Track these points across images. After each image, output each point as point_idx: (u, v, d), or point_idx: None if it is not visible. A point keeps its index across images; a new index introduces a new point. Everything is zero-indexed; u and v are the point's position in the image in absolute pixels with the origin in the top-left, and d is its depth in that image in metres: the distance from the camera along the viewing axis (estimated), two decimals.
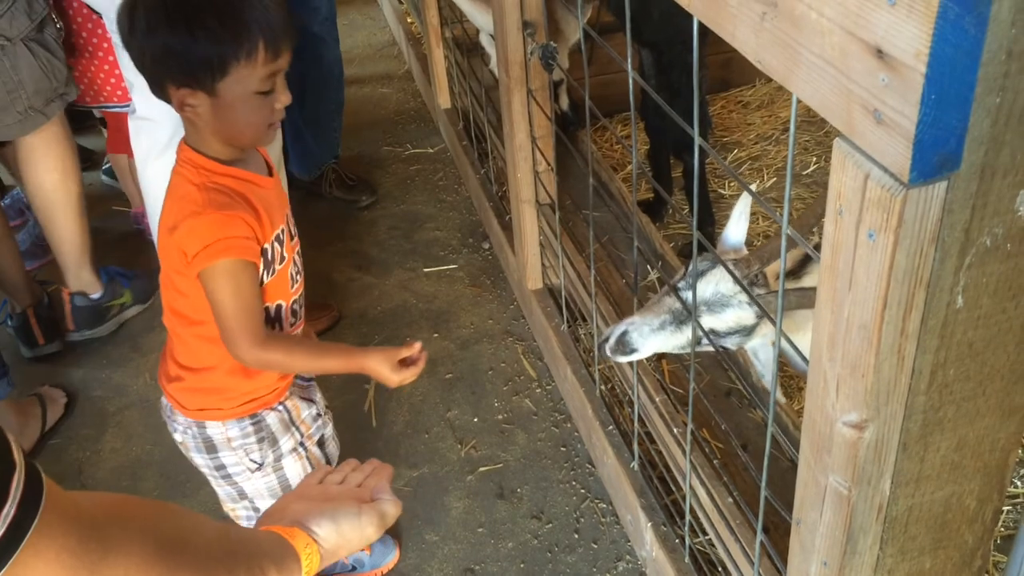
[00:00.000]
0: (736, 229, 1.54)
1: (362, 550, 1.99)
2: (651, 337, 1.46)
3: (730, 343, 1.46)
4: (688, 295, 1.41)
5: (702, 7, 0.93)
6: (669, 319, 1.45)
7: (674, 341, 1.45)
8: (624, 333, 1.47)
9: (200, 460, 1.62)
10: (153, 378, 2.59)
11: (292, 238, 1.57)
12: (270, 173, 1.53)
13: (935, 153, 0.68)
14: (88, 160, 3.44)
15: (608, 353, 1.49)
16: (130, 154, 2.81)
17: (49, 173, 2.50)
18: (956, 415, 0.88)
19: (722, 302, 1.41)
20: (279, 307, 1.54)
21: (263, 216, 1.44)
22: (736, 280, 1.33)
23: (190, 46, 1.31)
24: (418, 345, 1.54)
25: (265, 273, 1.47)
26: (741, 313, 1.40)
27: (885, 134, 0.70)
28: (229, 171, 1.44)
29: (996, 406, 0.90)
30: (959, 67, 0.64)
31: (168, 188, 1.47)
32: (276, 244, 1.48)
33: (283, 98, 1.41)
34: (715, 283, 1.41)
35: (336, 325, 2.73)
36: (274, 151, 2.22)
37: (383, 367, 1.51)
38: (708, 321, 1.42)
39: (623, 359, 1.49)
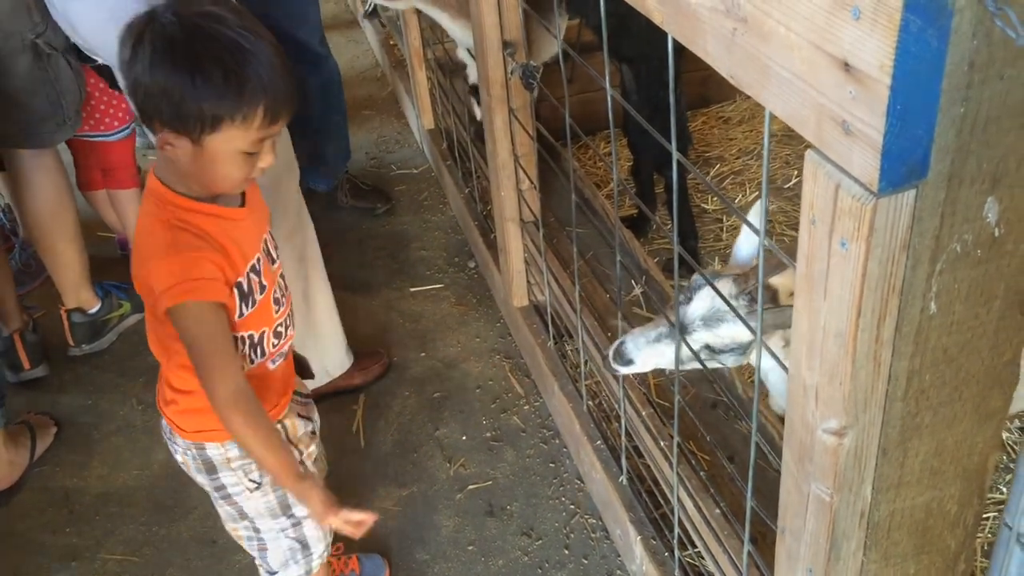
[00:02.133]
0: (747, 242, 1.52)
1: (352, 568, 1.99)
2: (646, 348, 1.48)
3: (728, 360, 1.46)
4: (682, 310, 1.42)
5: (675, 24, 0.95)
6: (665, 332, 1.47)
7: (671, 354, 1.45)
8: (621, 343, 1.50)
9: (202, 479, 1.61)
10: (140, 403, 2.59)
11: (273, 262, 1.55)
12: (242, 203, 1.49)
13: (903, 163, 0.70)
14: None
15: (612, 363, 1.52)
16: (111, 185, 2.83)
17: (45, 196, 2.51)
18: (933, 420, 0.89)
19: (718, 317, 1.41)
20: (262, 334, 1.53)
21: (233, 253, 1.42)
22: (720, 297, 1.34)
23: (188, 94, 1.25)
24: (372, 519, 1.53)
25: (243, 306, 1.45)
26: (736, 329, 1.40)
27: (854, 145, 0.71)
28: (198, 207, 1.39)
29: (973, 411, 0.91)
30: (923, 79, 0.66)
31: (137, 223, 1.43)
32: (252, 275, 1.46)
33: (267, 159, 1.37)
34: (712, 298, 1.41)
35: (388, 373, 2.60)
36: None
37: (317, 501, 1.49)
38: (705, 337, 1.43)
39: (623, 370, 1.52)
